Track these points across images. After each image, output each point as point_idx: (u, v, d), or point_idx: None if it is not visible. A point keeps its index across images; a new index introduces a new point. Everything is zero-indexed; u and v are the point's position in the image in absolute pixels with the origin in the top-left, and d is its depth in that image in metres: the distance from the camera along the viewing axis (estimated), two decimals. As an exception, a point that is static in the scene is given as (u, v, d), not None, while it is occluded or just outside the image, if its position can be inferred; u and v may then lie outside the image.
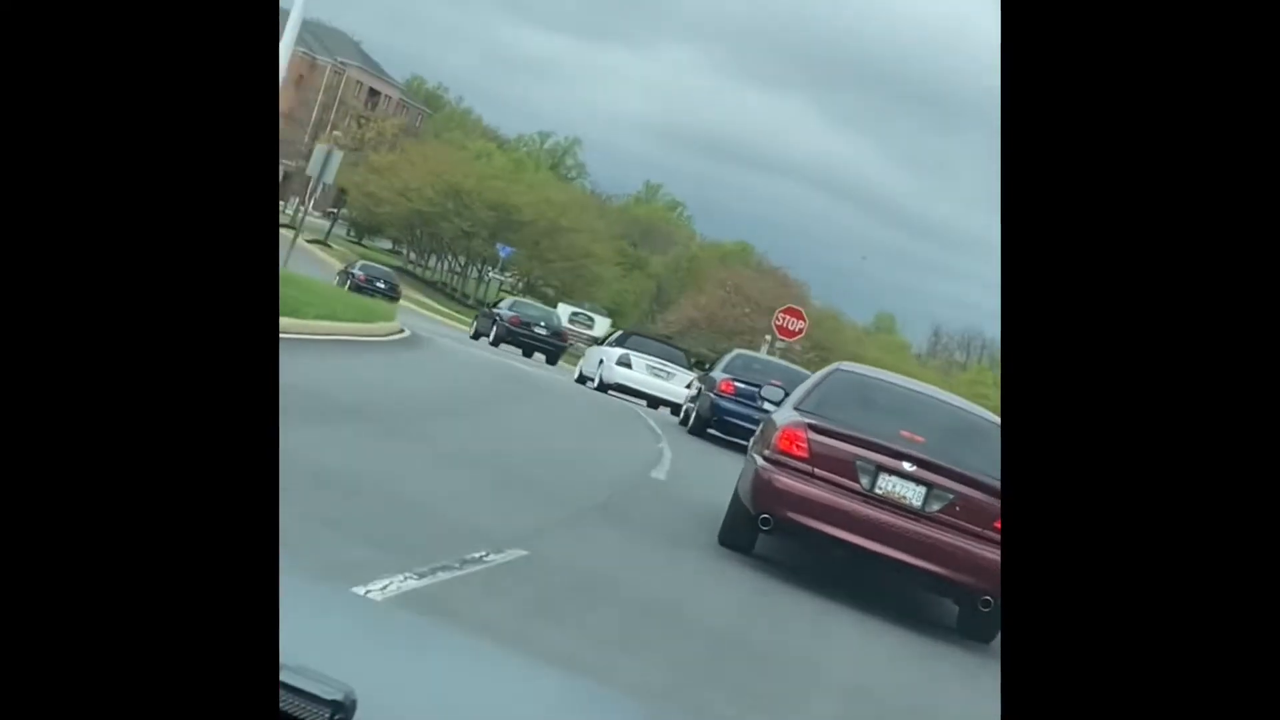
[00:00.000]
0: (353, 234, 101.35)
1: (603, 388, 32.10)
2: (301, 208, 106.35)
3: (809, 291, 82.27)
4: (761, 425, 12.92)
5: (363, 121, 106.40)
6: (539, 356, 41.11)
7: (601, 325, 58.08)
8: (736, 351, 29.53)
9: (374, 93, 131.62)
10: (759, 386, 22.33)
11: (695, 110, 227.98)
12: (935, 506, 11.23)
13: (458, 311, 77.84)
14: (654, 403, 31.52)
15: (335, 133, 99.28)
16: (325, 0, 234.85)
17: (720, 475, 15.20)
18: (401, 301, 58.82)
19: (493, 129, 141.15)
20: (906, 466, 11.25)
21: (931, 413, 12.39)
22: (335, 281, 56.58)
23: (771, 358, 31.33)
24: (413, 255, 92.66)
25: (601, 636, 7.67)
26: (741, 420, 23.97)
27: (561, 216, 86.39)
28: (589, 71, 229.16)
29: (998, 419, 11.63)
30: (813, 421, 11.50)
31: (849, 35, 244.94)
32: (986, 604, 11.12)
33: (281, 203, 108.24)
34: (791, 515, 11.30)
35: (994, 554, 10.98)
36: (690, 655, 8.11)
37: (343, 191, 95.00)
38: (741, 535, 11.90)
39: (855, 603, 11.39)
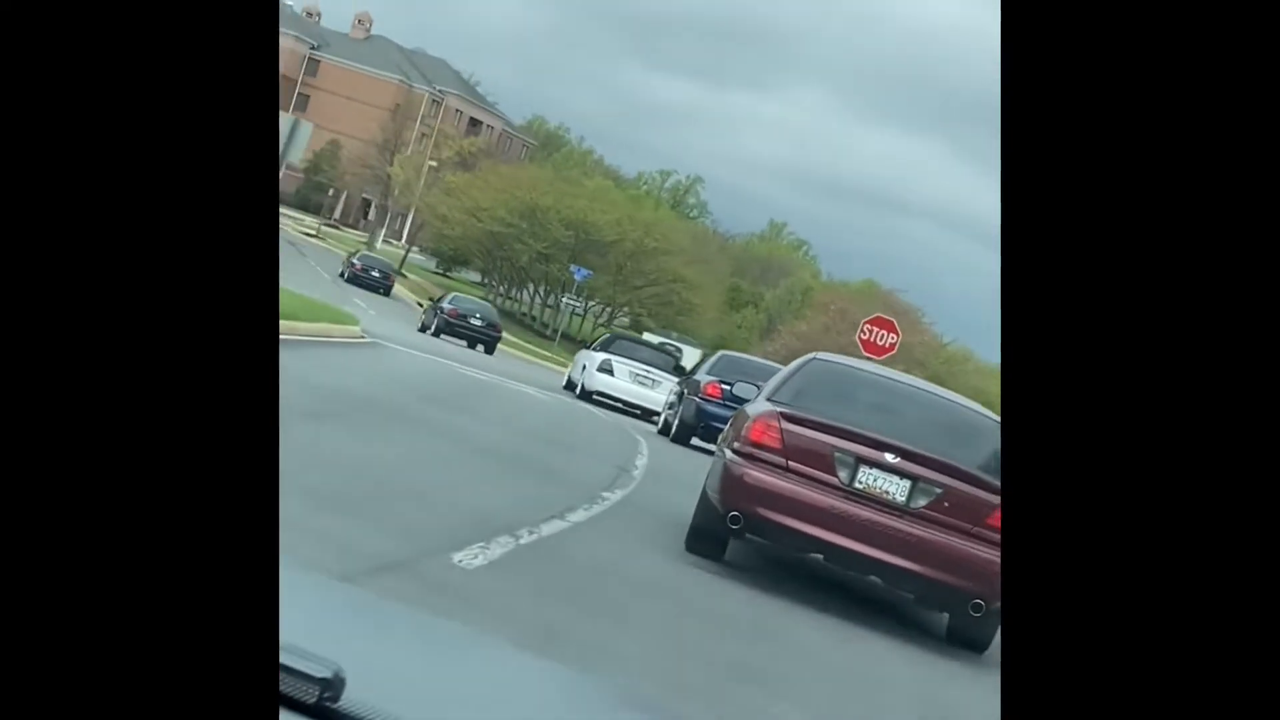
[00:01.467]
0: (440, 266, 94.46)
1: (585, 396, 31.22)
2: (383, 236, 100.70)
3: (921, 318, 74.36)
4: (733, 417, 12.18)
5: (440, 141, 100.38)
6: (518, 371, 38.76)
7: (691, 357, 53.34)
8: (721, 353, 28.38)
9: (475, 122, 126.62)
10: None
11: (823, 152, 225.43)
12: (921, 502, 10.51)
13: (537, 345, 70.40)
14: (645, 414, 30.16)
15: (431, 162, 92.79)
16: (458, 46, 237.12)
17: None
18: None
19: (614, 168, 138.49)
20: (889, 458, 10.51)
21: (916, 404, 11.67)
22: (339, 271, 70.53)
23: (762, 360, 29.69)
24: (501, 287, 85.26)
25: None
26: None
27: (647, 236, 78.85)
28: (715, 114, 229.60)
29: (987, 411, 11.62)
30: (786, 410, 10.80)
31: (979, 74, 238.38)
32: (978, 608, 10.33)
33: (360, 233, 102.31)
34: (763, 512, 10.56)
35: (986, 553, 10.28)
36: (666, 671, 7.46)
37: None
38: (710, 540, 11.17)
39: (837, 609, 10.67)
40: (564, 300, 77.28)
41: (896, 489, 10.50)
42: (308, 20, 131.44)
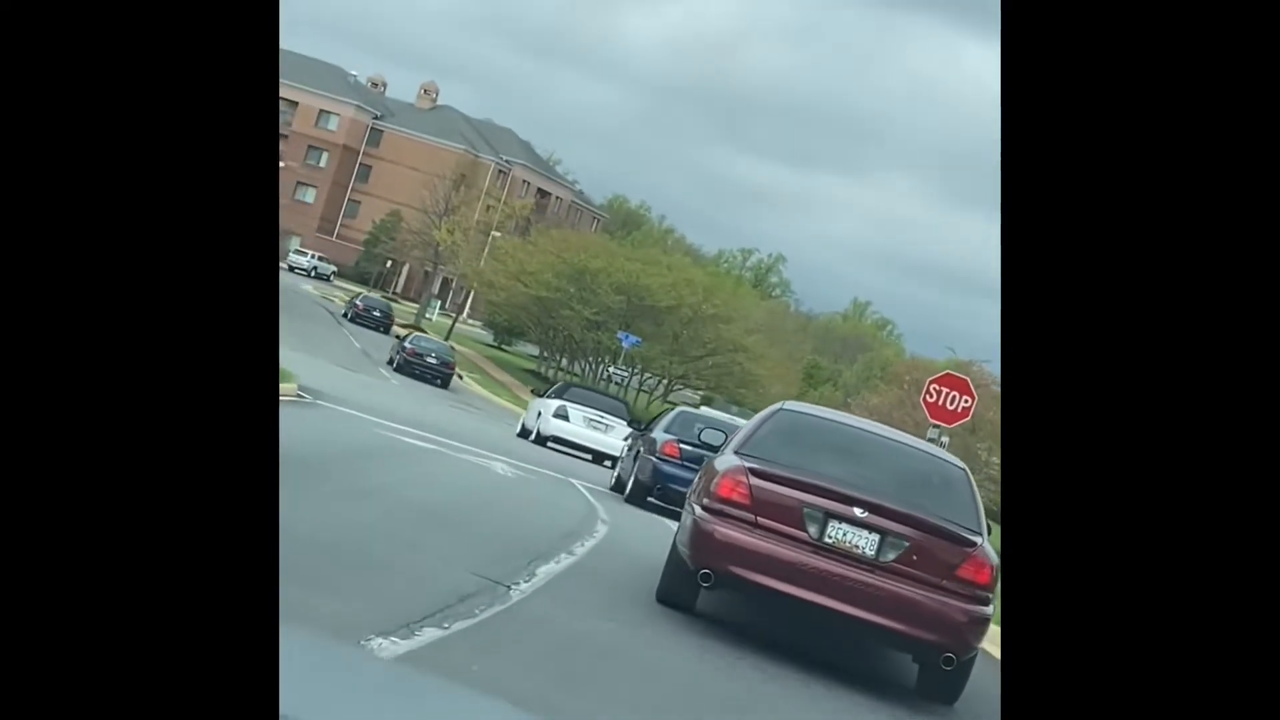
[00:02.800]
0: (496, 339, 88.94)
1: (540, 441, 32.40)
2: (439, 308, 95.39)
3: (1008, 390, 67.66)
4: (700, 471, 12.12)
5: (491, 206, 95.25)
6: (500, 437, 34.50)
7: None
8: (679, 409, 27.21)
9: (544, 193, 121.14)
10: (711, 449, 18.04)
11: (909, 234, 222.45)
12: (890, 555, 10.39)
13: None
14: (598, 457, 31.63)
15: (496, 233, 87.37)
16: (541, 128, 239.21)
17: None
18: (506, 403, 63.15)
19: (695, 247, 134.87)
20: (858, 512, 10.37)
21: (885, 454, 11.60)
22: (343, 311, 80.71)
23: (723, 415, 29.19)
24: (558, 360, 79.07)
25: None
26: (689, 487, 19.90)
27: (705, 302, 72.05)
28: (802, 197, 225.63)
29: (955, 458, 11.92)
30: (754, 465, 10.78)
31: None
32: (949, 661, 10.32)
33: (414, 305, 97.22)
34: (734, 569, 10.47)
35: (955, 606, 10.31)
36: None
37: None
38: (681, 592, 11.23)
39: (810, 664, 10.67)
40: (609, 370, 70.56)
41: (866, 543, 10.46)
42: (372, 90, 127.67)
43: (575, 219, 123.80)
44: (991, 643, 15.25)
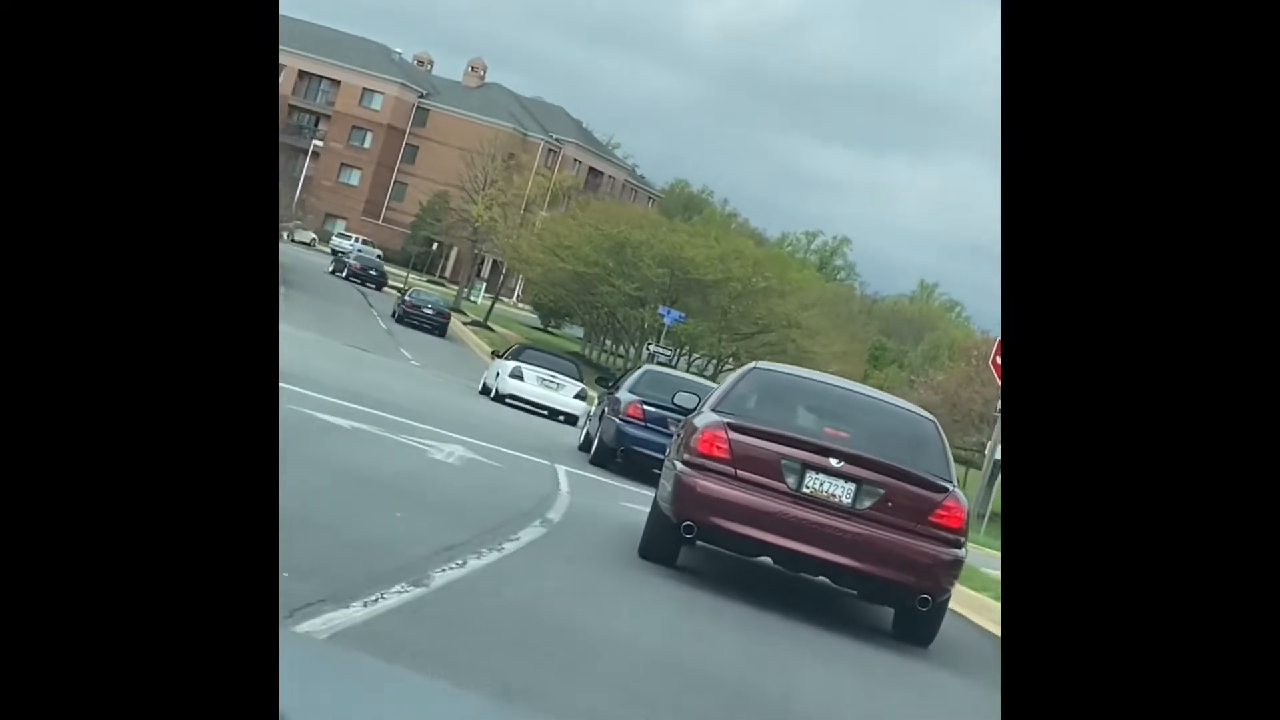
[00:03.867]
0: (542, 321, 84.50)
1: (499, 398, 34.90)
2: (483, 290, 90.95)
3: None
4: (679, 427, 12.66)
5: (530, 178, 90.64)
6: (441, 402, 31.61)
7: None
8: (646, 368, 25.99)
9: (596, 172, 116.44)
10: (675, 410, 17.01)
11: (977, 216, 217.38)
12: (866, 503, 10.89)
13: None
14: (552, 413, 33.93)
15: (543, 213, 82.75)
16: (603, 116, 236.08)
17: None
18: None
19: (758, 231, 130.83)
20: (834, 463, 10.89)
21: (855, 408, 12.05)
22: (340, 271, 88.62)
23: (690, 376, 28.89)
24: (604, 341, 74.24)
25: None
26: (654, 450, 19.99)
27: (756, 275, 66.96)
28: (868, 181, 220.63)
29: (924, 411, 12.21)
30: (732, 420, 11.25)
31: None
32: (925, 602, 10.77)
33: (451, 287, 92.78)
34: (715, 521, 10.94)
35: (930, 549, 10.76)
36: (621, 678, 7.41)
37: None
38: (663, 547, 11.62)
39: (790, 613, 11.00)
40: (649, 349, 65.57)
41: (842, 492, 10.80)
42: (418, 69, 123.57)
43: (629, 198, 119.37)
44: (978, 613, 14.93)
